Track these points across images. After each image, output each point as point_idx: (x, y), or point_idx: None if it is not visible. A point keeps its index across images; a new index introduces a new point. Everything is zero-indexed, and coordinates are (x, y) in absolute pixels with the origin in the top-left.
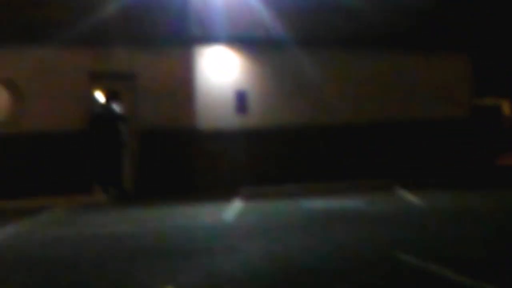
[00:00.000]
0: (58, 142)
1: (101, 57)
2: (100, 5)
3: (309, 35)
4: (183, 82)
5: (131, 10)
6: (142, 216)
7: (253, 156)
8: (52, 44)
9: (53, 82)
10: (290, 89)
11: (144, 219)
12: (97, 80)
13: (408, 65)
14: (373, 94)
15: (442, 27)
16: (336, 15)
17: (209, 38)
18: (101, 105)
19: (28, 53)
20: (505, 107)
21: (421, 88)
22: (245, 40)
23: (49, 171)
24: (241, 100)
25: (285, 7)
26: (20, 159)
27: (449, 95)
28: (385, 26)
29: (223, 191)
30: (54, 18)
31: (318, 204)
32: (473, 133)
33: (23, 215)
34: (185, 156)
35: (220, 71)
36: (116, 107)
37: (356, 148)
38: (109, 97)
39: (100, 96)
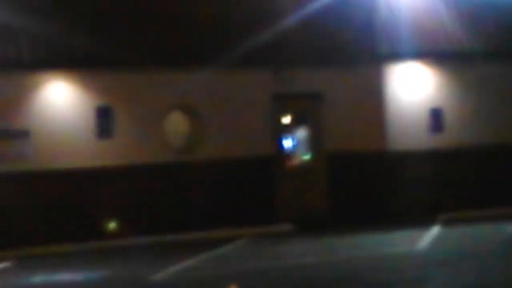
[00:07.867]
0: (239, 169)
1: (284, 77)
2: (280, 22)
3: (503, 47)
4: (372, 101)
5: (313, 27)
6: (332, 246)
7: (450, 177)
8: (230, 64)
9: (233, 105)
10: (488, 104)
11: (334, 248)
12: (280, 101)
13: None
14: None
15: None
16: None
17: (398, 54)
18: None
19: (204, 76)
20: None
21: None
22: (437, 55)
23: (231, 200)
24: (436, 118)
25: (477, 17)
26: (197, 187)
27: None
28: None
29: (417, 216)
30: (232, 37)
31: None
32: None
33: (206, 247)
34: (376, 179)
35: (412, 89)
36: (302, 130)
37: None
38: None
39: (286, 119)
